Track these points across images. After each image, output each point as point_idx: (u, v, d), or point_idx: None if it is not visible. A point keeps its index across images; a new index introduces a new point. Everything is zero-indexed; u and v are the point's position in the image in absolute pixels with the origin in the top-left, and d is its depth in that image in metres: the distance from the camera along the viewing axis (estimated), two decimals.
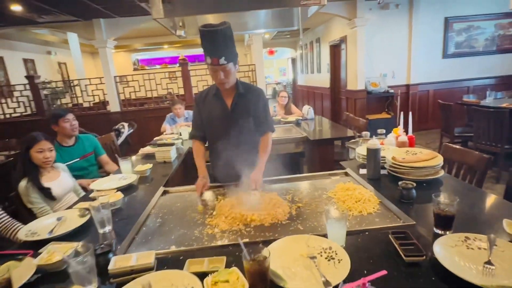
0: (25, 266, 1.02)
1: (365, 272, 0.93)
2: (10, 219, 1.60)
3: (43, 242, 1.27)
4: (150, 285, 0.88)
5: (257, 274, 0.86)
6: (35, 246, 1.24)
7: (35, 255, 1.12)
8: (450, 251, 0.98)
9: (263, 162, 1.72)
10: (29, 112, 5.82)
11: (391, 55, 5.79)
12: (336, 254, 1.01)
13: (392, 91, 5.71)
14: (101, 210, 1.34)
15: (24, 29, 5.78)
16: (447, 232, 1.10)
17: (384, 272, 0.83)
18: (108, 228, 1.36)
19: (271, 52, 13.58)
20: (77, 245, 1.10)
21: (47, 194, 1.88)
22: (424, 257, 0.96)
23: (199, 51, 9.75)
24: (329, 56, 7.10)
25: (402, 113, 2.45)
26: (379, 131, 2.54)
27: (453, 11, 5.66)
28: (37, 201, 1.83)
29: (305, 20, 3.41)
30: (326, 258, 1.00)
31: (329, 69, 7.15)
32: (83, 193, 2.18)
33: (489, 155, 1.71)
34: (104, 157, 2.79)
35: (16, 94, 5.69)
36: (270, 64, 16.05)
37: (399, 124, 2.87)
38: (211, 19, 3.56)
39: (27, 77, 5.57)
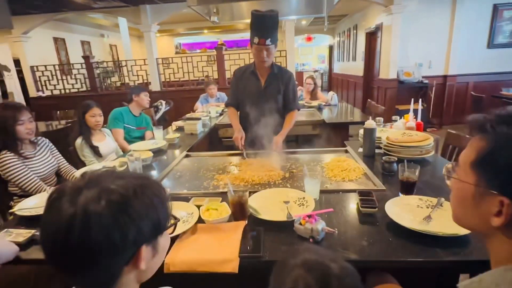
0: None
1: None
2: (69, 165, 2.06)
3: None
4: None
5: (238, 205, 1.15)
6: None
7: None
8: (401, 207, 1.18)
9: (285, 131, 2.07)
10: (84, 88, 6.61)
11: (429, 44, 5.56)
12: (307, 202, 1.26)
13: (426, 81, 5.53)
14: (135, 162, 1.72)
15: (81, 14, 6.48)
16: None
17: (331, 209, 1.07)
18: None
19: (309, 39, 13.39)
20: None
21: (96, 151, 2.33)
22: (377, 209, 1.18)
23: (238, 36, 9.94)
24: (364, 43, 6.98)
25: (412, 100, 2.54)
26: (393, 117, 2.65)
27: None
28: (88, 155, 2.29)
29: (331, 7, 3.53)
30: (298, 204, 1.26)
31: (364, 57, 7.04)
32: (122, 154, 2.62)
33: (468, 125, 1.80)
34: (150, 132, 3.19)
35: (74, 72, 6.48)
36: (309, 51, 15.60)
37: (430, 115, 2.89)
38: (244, 6, 3.82)
39: (83, 57, 6.30)
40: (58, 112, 4.92)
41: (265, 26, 1.88)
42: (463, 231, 0.97)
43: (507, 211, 0.52)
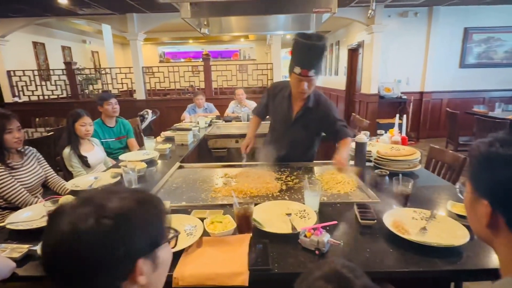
0: None
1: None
2: (57, 176, 1.99)
3: None
4: None
5: (243, 218, 1.16)
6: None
7: None
8: (397, 219, 1.24)
9: (344, 151, 1.75)
10: (64, 95, 6.39)
11: (407, 62, 5.90)
12: (308, 214, 1.30)
13: (405, 97, 5.83)
14: (130, 172, 1.70)
15: (64, 19, 6.32)
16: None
17: (335, 222, 1.11)
18: (134, 187, 1.70)
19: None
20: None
21: (84, 161, 2.26)
22: (375, 221, 1.23)
23: (223, 47, 9.99)
24: (347, 59, 7.27)
25: (397, 116, 2.67)
26: (378, 131, 2.77)
27: (473, 22, 5.69)
28: (76, 166, 2.22)
29: (319, 25, 3.67)
30: (299, 216, 1.29)
31: (346, 72, 7.31)
32: (111, 165, 2.56)
33: (464, 156, 1.93)
34: (133, 140, 3.13)
35: (54, 78, 6.26)
36: None
37: (408, 129, 3.04)
38: (234, 20, 3.88)
39: (65, 63, 6.12)
40: (37, 119, 4.72)
41: (311, 55, 1.64)
42: (458, 242, 1.03)
43: (486, 210, 0.63)
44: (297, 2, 2.43)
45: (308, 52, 1.64)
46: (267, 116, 2.21)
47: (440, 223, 1.21)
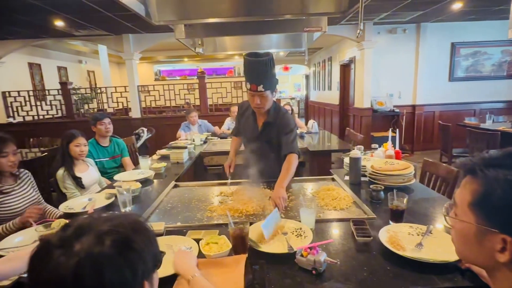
0: None
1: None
2: (51, 207, 1.93)
3: (77, 215, 1.60)
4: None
5: (239, 238, 1.15)
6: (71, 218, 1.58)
7: None
8: (393, 235, 1.23)
9: (282, 180, 1.70)
10: (60, 114, 6.39)
11: (397, 76, 6.04)
12: (304, 232, 1.29)
13: (397, 110, 5.92)
14: (125, 193, 1.68)
15: (60, 40, 6.41)
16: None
17: (331, 240, 1.10)
18: (128, 208, 1.68)
19: (286, 68, 14.00)
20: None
21: (78, 182, 2.24)
22: (372, 238, 1.22)
23: (217, 64, 10.14)
24: (339, 74, 7.41)
25: (390, 130, 2.71)
26: (372, 145, 2.80)
27: (460, 37, 5.88)
28: (70, 187, 2.20)
29: (311, 42, 3.76)
30: (296, 235, 1.28)
31: (339, 87, 7.44)
32: (105, 185, 2.53)
33: (457, 169, 1.94)
34: (127, 159, 3.13)
35: (49, 98, 6.28)
36: (286, 80, 16.33)
37: (402, 141, 3.07)
38: (228, 40, 3.97)
39: (61, 83, 6.16)
40: (32, 139, 4.69)
41: (257, 71, 1.76)
42: (453, 258, 1.03)
43: (510, 248, 0.56)
44: (289, 22, 2.51)
45: (254, 69, 1.76)
46: None
47: (436, 238, 1.21)
